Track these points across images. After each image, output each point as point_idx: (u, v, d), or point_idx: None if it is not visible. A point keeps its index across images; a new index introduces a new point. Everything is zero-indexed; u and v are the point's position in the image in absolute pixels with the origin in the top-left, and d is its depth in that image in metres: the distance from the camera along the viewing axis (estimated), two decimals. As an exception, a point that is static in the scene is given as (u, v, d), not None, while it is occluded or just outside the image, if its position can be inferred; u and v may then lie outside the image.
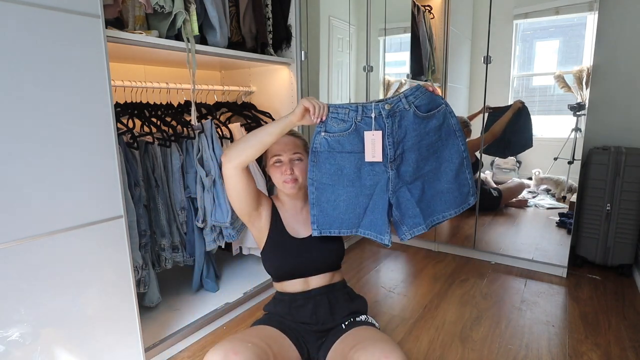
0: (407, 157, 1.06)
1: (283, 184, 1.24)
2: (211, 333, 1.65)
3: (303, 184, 1.25)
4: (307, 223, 1.29)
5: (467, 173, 1.11)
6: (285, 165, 1.23)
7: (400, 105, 1.04)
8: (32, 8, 0.98)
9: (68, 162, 1.09)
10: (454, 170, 1.09)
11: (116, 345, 1.27)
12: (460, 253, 2.49)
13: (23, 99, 0.99)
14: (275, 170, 1.25)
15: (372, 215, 1.08)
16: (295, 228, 1.30)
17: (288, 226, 1.29)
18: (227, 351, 0.97)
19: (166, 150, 1.66)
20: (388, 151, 1.05)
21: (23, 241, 1.03)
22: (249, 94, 2.16)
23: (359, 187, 1.07)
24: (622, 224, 2.05)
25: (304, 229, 1.29)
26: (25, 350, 1.06)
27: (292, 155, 1.24)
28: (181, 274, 2.06)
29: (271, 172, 1.27)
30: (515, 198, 2.49)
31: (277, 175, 1.25)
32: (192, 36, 1.47)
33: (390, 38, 2.73)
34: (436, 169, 1.09)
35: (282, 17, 1.89)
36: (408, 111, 1.04)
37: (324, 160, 1.07)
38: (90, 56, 1.11)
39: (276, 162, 1.25)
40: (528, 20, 2.21)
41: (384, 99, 1.06)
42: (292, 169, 1.22)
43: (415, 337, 1.60)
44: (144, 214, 1.57)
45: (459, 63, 2.48)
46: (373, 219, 1.08)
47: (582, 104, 2.05)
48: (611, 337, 1.58)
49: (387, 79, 2.85)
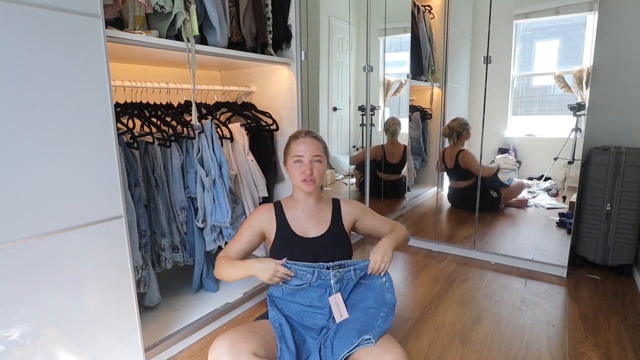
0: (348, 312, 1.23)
1: (302, 182, 1.28)
2: (211, 333, 1.65)
3: (319, 184, 1.32)
4: (318, 222, 1.33)
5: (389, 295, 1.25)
6: (305, 165, 1.27)
7: (348, 275, 1.24)
8: (32, 8, 0.98)
9: (68, 162, 1.09)
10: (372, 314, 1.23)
11: (116, 345, 1.27)
12: (460, 253, 2.49)
13: (23, 99, 0.99)
14: (295, 168, 1.29)
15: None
16: (305, 228, 1.32)
17: (296, 227, 1.32)
18: (235, 339, 0.99)
19: (166, 150, 1.66)
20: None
21: (23, 241, 1.03)
22: (249, 94, 2.16)
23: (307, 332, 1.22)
24: (622, 224, 2.05)
25: (314, 228, 1.32)
26: (25, 350, 1.06)
27: (313, 157, 1.28)
28: (181, 274, 2.06)
29: (291, 169, 1.31)
30: (515, 198, 2.49)
31: (296, 173, 1.29)
32: (192, 36, 1.47)
33: (390, 38, 2.73)
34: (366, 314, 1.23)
35: (282, 17, 1.89)
36: (352, 279, 1.25)
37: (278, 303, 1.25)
38: (90, 56, 1.11)
39: (297, 161, 1.29)
40: (528, 20, 2.21)
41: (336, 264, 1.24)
42: (311, 170, 1.27)
43: (415, 337, 1.60)
44: (144, 214, 1.57)
45: (459, 63, 2.48)
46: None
47: (582, 104, 2.05)
48: (611, 337, 1.58)
49: (387, 79, 2.85)
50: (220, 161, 1.68)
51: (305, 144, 1.29)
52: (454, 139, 2.56)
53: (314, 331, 1.21)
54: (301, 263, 1.22)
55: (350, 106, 2.96)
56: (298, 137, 1.31)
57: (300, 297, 1.23)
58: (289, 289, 1.23)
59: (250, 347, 0.99)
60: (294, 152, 1.29)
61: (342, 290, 1.23)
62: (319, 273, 1.22)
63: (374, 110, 2.82)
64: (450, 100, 2.55)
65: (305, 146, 1.28)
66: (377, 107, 2.85)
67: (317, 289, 1.22)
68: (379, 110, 2.89)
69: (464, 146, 2.54)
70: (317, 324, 1.22)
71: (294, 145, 1.30)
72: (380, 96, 2.89)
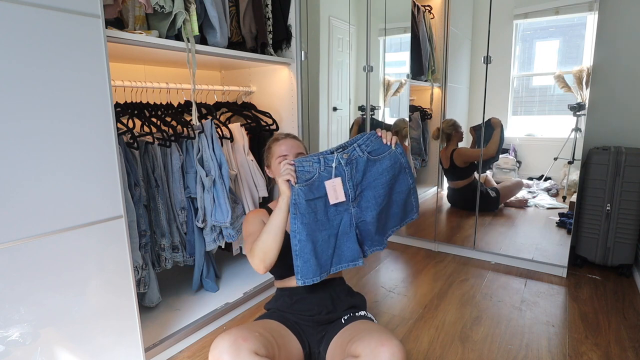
0: (365, 195, 1.23)
1: None
2: (211, 333, 1.65)
3: None
4: None
5: (413, 199, 1.32)
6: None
7: (355, 154, 1.21)
8: (32, 8, 0.98)
9: (68, 162, 1.09)
10: (403, 199, 1.30)
11: (116, 345, 1.27)
12: (460, 253, 2.49)
13: (23, 99, 0.99)
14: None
15: (340, 250, 1.23)
16: None
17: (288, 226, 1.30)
18: (236, 337, 0.99)
19: (166, 150, 1.66)
20: (350, 193, 1.21)
21: (23, 241, 1.03)
22: (249, 94, 2.16)
23: (329, 228, 1.21)
24: (622, 224, 2.05)
25: None
26: (25, 350, 1.06)
27: (296, 154, 1.30)
28: (181, 274, 2.06)
29: (276, 169, 1.31)
30: (514, 197, 2.49)
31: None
32: (192, 36, 1.47)
33: (390, 38, 2.73)
34: (389, 199, 1.27)
35: (282, 17, 1.89)
36: (362, 157, 1.21)
37: (304, 210, 1.17)
38: (90, 56, 1.11)
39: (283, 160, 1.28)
40: (528, 20, 2.21)
41: (340, 147, 1.21)
42: None
43: (415, 337, 1.60)
44: (144, 214, 1.57)
45: (459, 63, 2.48)
46: (341, 253, 1.23)
47: (582, 104, 2.05)
48: (611, 337, 1.58)
49: (387, 79, 2.85)
50: (220, 161, 1.68)
51: (287, 144, 1.33)
52: (444, 141, 2.57)
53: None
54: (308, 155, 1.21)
55: (350, 106, 2.96)
56: (279, 139, 1.35)
57: (316, 190, 1.18)
58: (305, 186, 1.17)
59: (251, 345, 0.99)
60: (277, 153, 1.32)
61: (354, 172, 1.20)
62: (325, 160, 1.19)
63: (374, 110, 2.82)
64: (450, 100, 2.55)
65: (287, 146, 1.32)
66: (377, 107, 2.85)
67: (327, 178, 1.19)
68: (379, 110, 2.89)
69: (457, 145, 2.55)
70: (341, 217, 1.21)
71: (275, 147, 1.33)
72: (380, 96, 2.89)
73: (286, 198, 1.15)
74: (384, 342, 1.00)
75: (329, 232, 1.21)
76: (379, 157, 1.23)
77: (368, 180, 1.23)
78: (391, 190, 1.26)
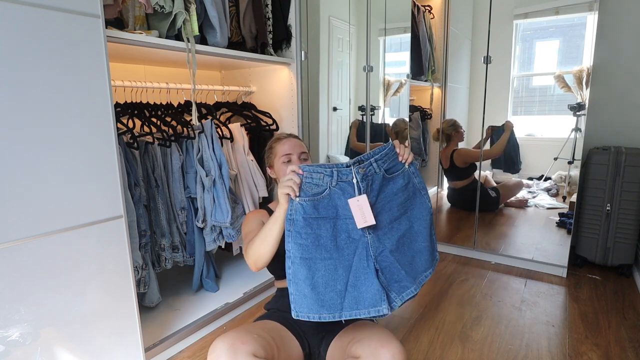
0: (381, 219, 1.03)
1: None
2: (211, 333, 1.65)
3: None
4: None
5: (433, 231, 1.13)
6: (295, 162, 1.28)
7: (371, 170, 1.03)
8: (32, 8, 0.98)
9: (68, 162, 1.09)
10: (427, 228, 1.10)
11: (116, 345, 1.27)
12: (460, 253, 2.49)
13: (23, 99, 0.99)
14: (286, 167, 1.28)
15: (356, 290, 1.00)
16: None
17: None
18: (234, 340, 0.99)
19: (166, 150, 1.66)
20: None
21: (23, 241, 1.03)
22: (249, 94, 2.16)
23: (337, 258, 1.01)
24: (622, 224, 2.05)
25: None
26: (25, 350, 1.06)
27: (300, 154, 1.30)
28: (181, 274, 2.06)
29: (280, 170, 1.31)
30: (515, 197, 2.49)
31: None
32: (192, 36, 1.47)
33: (390, 38, 2.73)
34: (410, 228, 1.08)
35: (282, 17, 1.89)
36: (378, 175, 1.04)
37: (300, 228, 1.00)
38: (90, 56, 1.11)
39: (286, 160, 1.29)
40: (528, 20, 2.21)
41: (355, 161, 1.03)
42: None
43: (415, 337, 1.60)
44: (144, 214, 1.57)
45: (459, 63, 2.48)
46: (358, 295, 0.99)
47: (582, 104, 2.05)
48: (611, 337, 1.58)
49: (387, 79, 2.85)
50: (220, 161, 1.68)
51: (289, 143, 1.31)
52: (445, 141, 2.57)
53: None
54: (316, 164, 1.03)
55: (350, 106, 2.96)
56: (281, 139, 1.34)
57: (323, 209, 1.01)
58: (309, 201, 1.01)
59: (250, 348, 0.99)
60: (281, 153, 1.30)
61: (368, 190, 1.01)
62: (338, 173, 1.01)
63: (374, 110, 2.82)
64: (450, 100, 2.55)
65: (290, 145, 1.31)
66: (377, 107, 2.85)
67: (341, 195, 1.01)
68: (379, 110, 2.89)
69: (458, 146, 2.55)
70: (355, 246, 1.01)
71: (278, 147, 1.32)
72: (380, 96, 2.89)
73: (283, 211, 1.03)
74: (384, 344, 0.99)
75: (337, 263, 1.00)
76: (393, 176, 1.07)
77: (382, 202, 1.05)
78: (410, 215, 1.09)
